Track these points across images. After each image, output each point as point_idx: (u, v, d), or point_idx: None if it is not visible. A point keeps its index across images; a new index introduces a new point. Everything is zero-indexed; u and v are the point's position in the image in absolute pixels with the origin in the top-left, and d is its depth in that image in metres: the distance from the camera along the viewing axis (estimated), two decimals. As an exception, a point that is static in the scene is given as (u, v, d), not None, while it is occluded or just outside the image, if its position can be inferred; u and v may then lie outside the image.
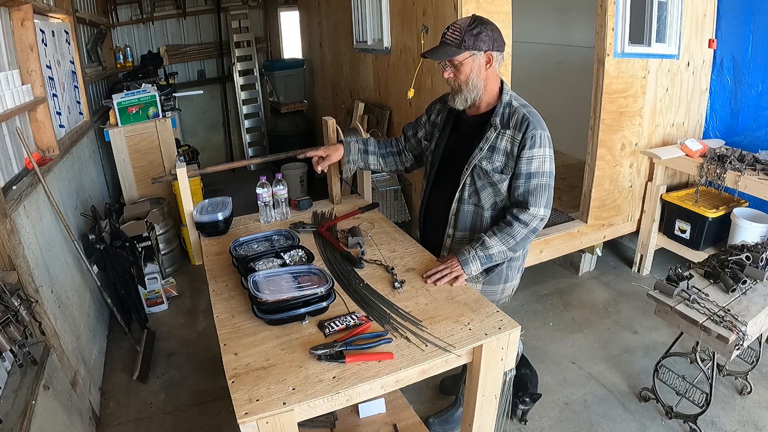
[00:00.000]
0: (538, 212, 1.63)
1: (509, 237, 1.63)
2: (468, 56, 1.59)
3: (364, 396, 1.21)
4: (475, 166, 1.69)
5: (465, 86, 1.64)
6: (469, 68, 1.61)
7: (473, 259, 1.62)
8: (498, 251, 1.63)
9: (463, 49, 1.58)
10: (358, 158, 2.00)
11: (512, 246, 1.64)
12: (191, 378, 2.64)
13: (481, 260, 1.62)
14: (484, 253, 1.62)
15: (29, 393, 1.69)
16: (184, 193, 1.98)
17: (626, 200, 3.32)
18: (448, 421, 2.21)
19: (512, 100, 1.68)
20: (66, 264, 2.56)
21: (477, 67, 1.62)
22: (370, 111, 3.99)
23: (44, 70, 2.62)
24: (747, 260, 2.15)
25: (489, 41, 1.60)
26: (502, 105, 1.67)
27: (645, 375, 2.46)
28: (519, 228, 1.63)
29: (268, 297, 1.36)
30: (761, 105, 3.10)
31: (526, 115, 1.62)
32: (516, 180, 1.65)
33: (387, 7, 3.43)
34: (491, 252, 1.63)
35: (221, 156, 6.52)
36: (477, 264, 1.62)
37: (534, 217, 1.63)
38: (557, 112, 4.21)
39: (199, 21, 6.00)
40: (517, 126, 1.62)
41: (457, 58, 1.59)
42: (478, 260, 1.62)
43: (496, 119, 1.66)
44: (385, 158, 2.03)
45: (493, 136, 1.66)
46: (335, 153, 1.98)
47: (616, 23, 2.77)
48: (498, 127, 1.65)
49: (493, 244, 1.63)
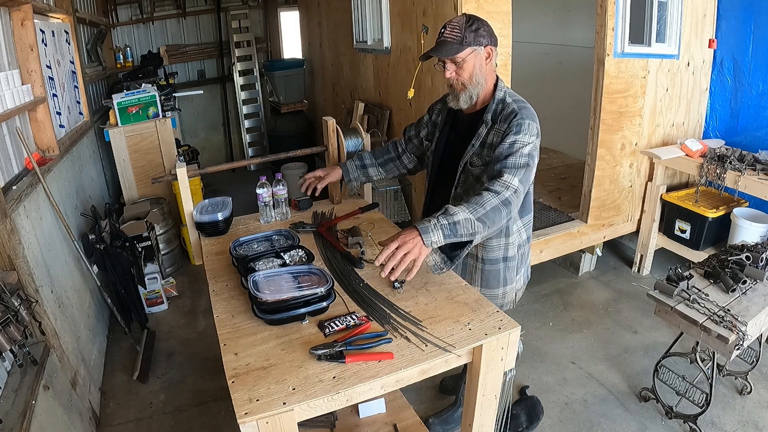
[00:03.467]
0: (511, 181, 1.50)
1: (477, 206, 1.44)
2: (470, 52, 1.59)
3: (364, 396, 1.21)
4: (467, 163, 1.69)
5: (469, 83, 1.64)
6: (472, 64, 1.61)
7: (435, 228, 1.39)
8: (464, 218, 1.41)
9: (466, 45, 1.58)
10: (359, 175, 2.02)
11: (480, 215, 1.43)
12: (191, 378, 2.64)
13: (443, 230, 1.39)
14: (447, 221, 1.40)
15: (29, 393, 1.69)
16: (184, 193, 1.98)
17: (626, 200, 3.32)
18: (448, 421, 2.21)
19: (506, 96, 1.67)
20: (66, 264, 2.56)
21: (479, 63, 1.62)
22: (370, 111, 4.00)
23: (44, 70, 2.62)
24: (747, 260, 2.15)
25: (487, 36, 1.61)
26: (495, 101, 1.66)
27: (645, 375, 2.46)
28: (489, 196, 1.46)
29: (268, 297, 1.36)
30: (761, 105, 3.10)
31: (515, 109, 1.60)
32: (493, 162, 1.58)
33: (387, 7, 3.43)
34: (456, 219, 1.40)
35: (221, 156, 6.52)
36: (438, 234, 1.38)
37: (506, 187, 1.48)
38: (557, 112, 4.22)
39: (199, 21, 6.00)
40: (504, 119, 1.61)
41: (460, 55, 1.59)
42: (440, 230, 1.39)
43: (488, 115, 1.65)
44: (384, 166, 2.03)
45: (484, 133, 1.65)
46: (333, 173, 2.02)
47: (616, 23, 2.77)
48: (489, 123, 1.65)
49: (458, 211, 1.42)
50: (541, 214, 3.23)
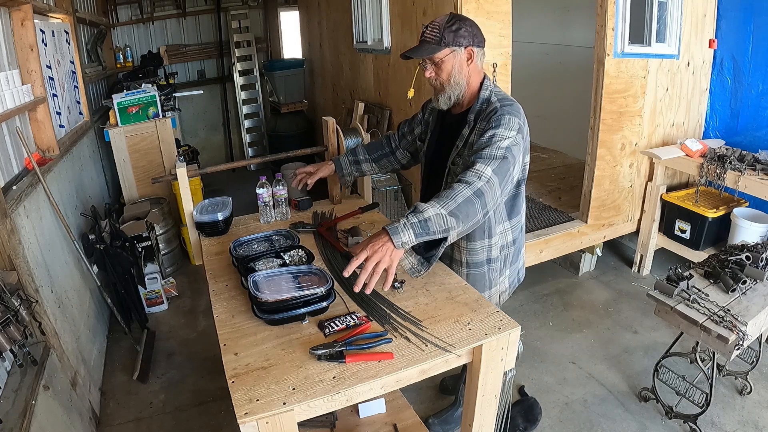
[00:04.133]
0: (484, 170, 1.42)
1: (448, 199, 1.37)
2: (448, 53, 1.57)
3: (364, 396, 1.21)
4: (452, 164, 1.67)
5: (447, 84, 1.61)
6: (450, 65, 1.58)
7: (405, 227, 1.32)
8: (434, 214, 1.34)
9: (443, 45, 1.55)
10: (352, 170, 2.02)
11: (452, 209, 1.36)
12: (191, 378, 2.64)
13: (414, 228, 1.32)
14: (417, 218, 1.33)
15: (29, 393, 1.69)
16: (184, 193, 1.98)
17: (626, 200, 3.32)
18: (448, 421, 2.21)
19: (491, 95, 1.62)
20: (66, 264, 2.56)
21: (458, 64, 1.59)
22: (370, 111, 4.00)
23: (44, 70, 2.62)
24: (747, 260, 2.15)
25: (469, 37, 1.57)
26: (479, 101, 1.62)
27: (645, 375, 2.46)
28: (460, 188, 1.39)
29: (268, 297, 1.36)
30: (761, 105, 3.10)
31: (497, 108, 1.56)
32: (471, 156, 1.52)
33: (387, 7, 3.43)
34: (426, 215, 1.33)
35: (221, 156, 6.52)
36: (409, 233, 1.32)
37: (479, 177, 1.41)
38: (557, 112, 4.22)
39: (199, 21, 6.00)
40: (485, 117, 1.57)
41: (438, 55, 1.56)
42: (410, 229, 1.32)
43: (471, 115, 1.62)
44: (378, 162, 2.03)
45: (467, 133, 1.63)
46: (325, 168, 2.02)
47: (616, 23, 2.77)
48: (471, 123, 1.62)
49: (428, 207, 1.35)
50: (541, 214, 3.23)
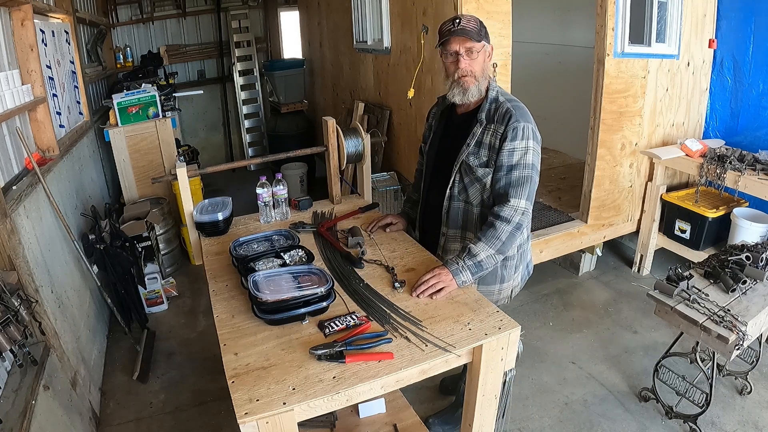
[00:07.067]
0: (519, 204, 1.60)
1: (494, 239, 1.59)
2: (483, 46, 1.65)
3: (364, 396, 1.21)
4: (462, 163, 1.70)
5: (480, 75, 1.67)
6: (482, 58, 1.66)
7: (463, 269, 1.56)
8: (486, 256, 1.58)
9: (481, 38, 1.63)
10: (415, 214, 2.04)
11: (499, 248, 1.60)
12: (191, 378, 2.63)
13: (471, 269, 1.57)
14: (472, 261, 1.57)
15: (29, 393, 1.69)
16: (184, 193, 1.98)
17: (626, 200, 3.32)
18: (448, 421, 2.21)
19: (499, 95, 1.70)
20: (66, 264, 2.56)
21: (486, 59, 1.68)
22: (370, 111, 4.00)
23: (44, 70, 2.62)
24: (747, 260, 2.15)
25: (488, 36, 1.67)
26: (488, 101, 1.68)
27: (645, 375, 2.46)
28: (502, 227, 1.59)
29: (268, 297, 1.36)
30: (761, 105, 3.10)
31: (509, 109, 1.63)
32: (497, 173, 1.64)
33: (387, 7, 3.43)
34: (479, 259, 1.58)
35: (221, 156, 6.52)
36: (467, 274, 1.56)
37: (515, 211, 1.60)
38: (557, 112, 4.22)
39: (199, 21, 6.00)
40: (500, 119, 1.64)
41: (477, 45, 1.63)
42: (467, 270, 1.57)
43: (482, 114, 1.67)
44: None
45: (479, 131, 1.68)
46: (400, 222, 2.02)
47: (616, 23, 2.77)
48: (483, 122, 1.67)
49: (480, 251, 1.58)
50: (541, 214, 3.23)
